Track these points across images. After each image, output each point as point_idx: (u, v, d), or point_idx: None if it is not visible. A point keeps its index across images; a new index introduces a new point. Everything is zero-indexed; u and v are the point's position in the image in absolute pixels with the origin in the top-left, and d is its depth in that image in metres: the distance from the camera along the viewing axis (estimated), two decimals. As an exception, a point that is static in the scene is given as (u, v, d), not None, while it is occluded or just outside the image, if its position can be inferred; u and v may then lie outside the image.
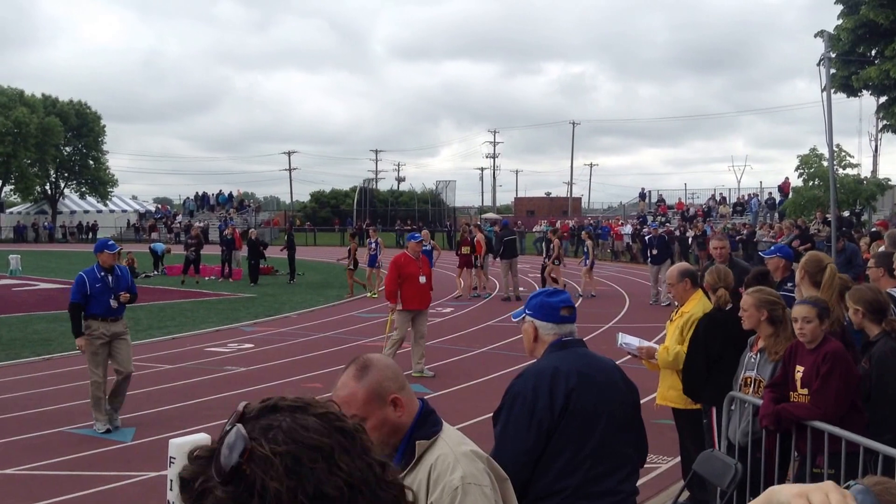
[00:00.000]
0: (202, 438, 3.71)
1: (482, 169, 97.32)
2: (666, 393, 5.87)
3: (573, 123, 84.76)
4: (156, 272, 26.75)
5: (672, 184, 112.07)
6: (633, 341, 5.92)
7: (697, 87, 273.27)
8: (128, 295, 8.06)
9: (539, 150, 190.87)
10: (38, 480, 6.48)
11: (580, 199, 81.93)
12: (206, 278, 24.53)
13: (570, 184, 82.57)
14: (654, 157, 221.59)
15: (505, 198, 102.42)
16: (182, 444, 3.54)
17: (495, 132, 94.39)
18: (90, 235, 56.53)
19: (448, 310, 17.77)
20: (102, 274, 7.97)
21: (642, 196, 49.26)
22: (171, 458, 3.50)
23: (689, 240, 31.72)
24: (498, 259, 20.67)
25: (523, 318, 3.35)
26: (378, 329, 14.75)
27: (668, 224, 37.25)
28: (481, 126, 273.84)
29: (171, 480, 3.52)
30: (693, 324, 5.48)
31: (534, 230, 43.06)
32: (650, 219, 41.07)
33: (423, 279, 10.45)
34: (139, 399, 9.21)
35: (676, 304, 5.77)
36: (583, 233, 23.38)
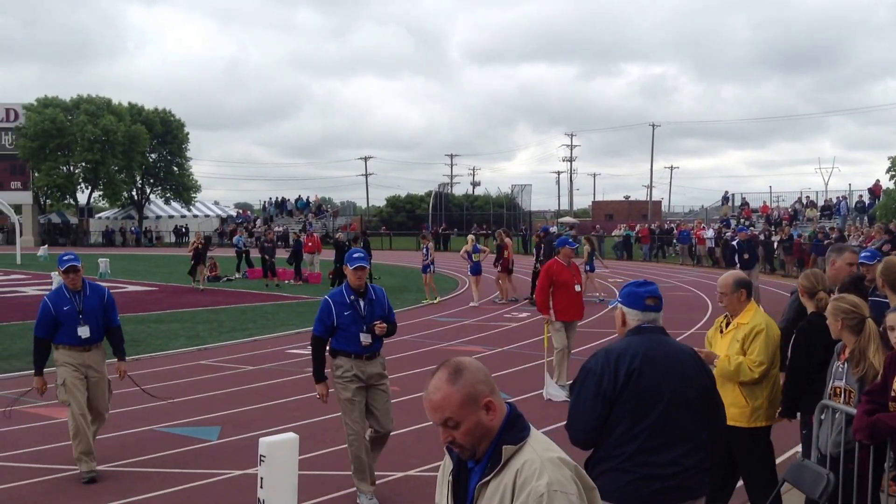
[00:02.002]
0: (291, 438, 3.72)
1: (559, 172, 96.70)
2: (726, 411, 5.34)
3: (653, 125, 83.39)
4: (238, 275, 27.37)
5: (756, 186, 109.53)
6: None
7: (783, 86, 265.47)
8: None
9: (618, 152, 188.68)
10: (129, 476, 6.64)
11: (660, 202, 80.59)
12: (286, 281, 24.95)
13: (650, 187, 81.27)
14: (737, 160, 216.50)
15: (582, 201, 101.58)
16: (272, 443, 3.56)
17: (572, 135, 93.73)
18: (182, 239, 58.35)
19: (524, 314, 17.63)
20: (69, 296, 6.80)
21: (725, 199, 48.09)
22: (261, 456, 3.52)
23: (775, 244, 30.75)
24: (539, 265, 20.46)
25: (616, 305, 3.76)
26: (456, 333, 14.73)
27: (752, 228, 36.25)
28: (558, 129, 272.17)
29: (262, 478, 3.53)
30: (756, 336, 5.10)
31: (612, 234, 42.42)
32: (734, 222, 40.05)
33: (578, 288, 9.81)
34: (222, 399, 9.39)
35: (727, 314, 5.22)
36: (583, 237, 23.16)
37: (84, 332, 6.69)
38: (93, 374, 6.78)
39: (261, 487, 3.52)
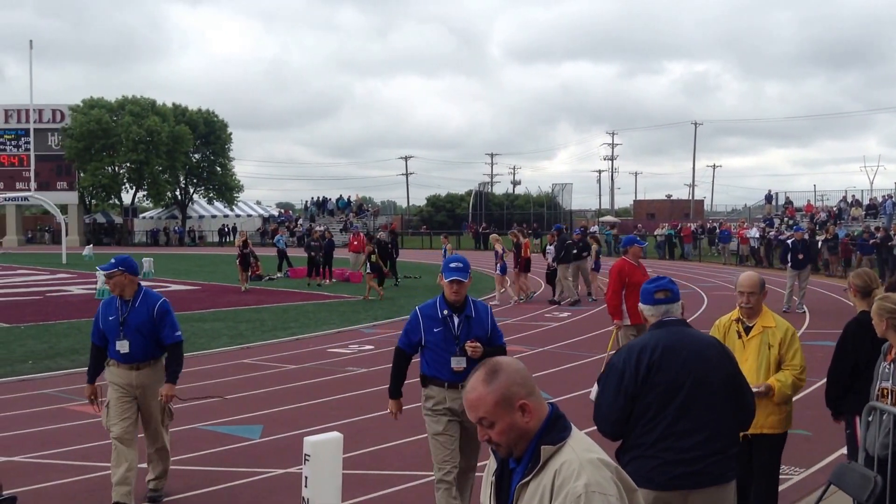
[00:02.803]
0: (335, 437, 3.67)
1: (600, 171, 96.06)
2: (765, 421, 4.79)
3: (696, 124, 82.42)
4: (280, 274, 27.57)
5: (800, 185, 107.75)
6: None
7: (828, 83, 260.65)
8: None
9: (660, 151, 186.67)
10: (173, 474, 6.63)
11: (703, 201, 79.62)
12: (329, 281, 25.06)
13: (692, 186, 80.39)
14: (781, 158, 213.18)
15: (623, 200, 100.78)
16: (317, 442, 3.51)
17: (614, 134, 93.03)
18: (225, 239, 59.10)
19: (565, 314, 17.47)
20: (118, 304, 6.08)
21: (769, 198, 47.29)
22: (305, 454, 3.48)
23: (819, 244, 30.11)
24: (557, 263, 20.29)
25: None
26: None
27: (803, 228, 35.59)
28: (600, 128, 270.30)
29: (306, 477, 3.48)
30: (793, 338, 4.87)
31: (655, 234, 41.98)
32: (777, 222, 39.36)
33: None
34: (265, 397, 9.40)
35: (743, 317, 4.85)
36: (589, 236, 22.92)
37: (123, 347, 5.91)
38: (144, 397, 5.99)
39: (305, 486, 3.48)
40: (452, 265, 5.19)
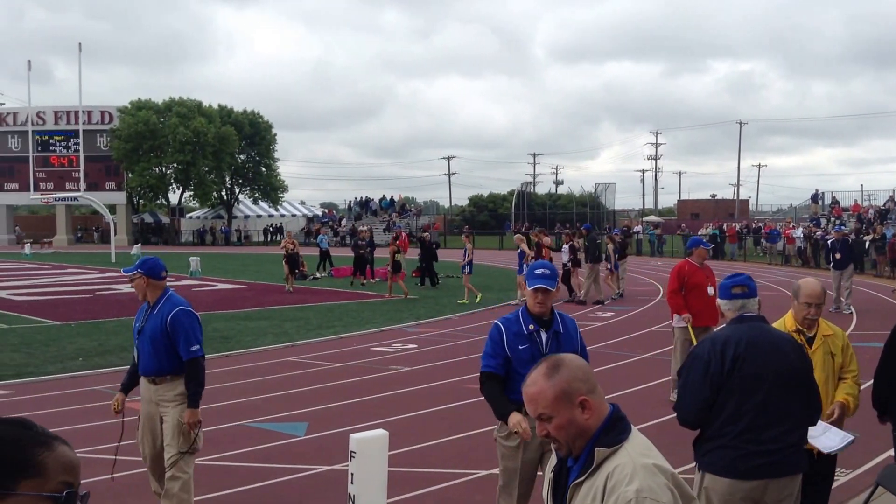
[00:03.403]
0: (381, 434, 3.70)
1: (643, 171, 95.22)
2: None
3: (740, 123, 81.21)
4: (322, 273, 27.81)
5: (847, 185, 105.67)
6: (833, 440, 4.30)
7: (875, 82, 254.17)
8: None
9: (704, 150, 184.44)
10: (219, 471, 6.76)
11: (748, 201, 78.40)
12: (373, 280, 25.21)
13: (737, 185, 79.27)
14: (827, 157, 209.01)
15: (667, 200, 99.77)
16: (363, 439, 3.54)
17: (657, 133, 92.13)
18: (270, 238, 59.79)
19: (609, 314, 17.34)
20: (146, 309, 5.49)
21: (814, 198, 46.42)
22: (351, 451, 3.51)
23: (867, 244, 29.43)
24: (586, 263, 20.18)
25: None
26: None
27: (843, 228, 34.86)
28: (643, 127, 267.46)
29: (352, 473, 3.52)
30: (848, 344, 4.76)
31: (699, 233, 41.47)
32: (824, 221, 38.61)
33: (711, 290, 8.98)
34: (309, 395, 9.50)
35: (804, 327, 4.55)
36: (605, 237, 22.66)
37: (136, 357, 5.45)
38: (162, 415, 5.35)
39: (351, 483, 3.51)
40: (538, 271, 4.51)
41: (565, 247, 21.03)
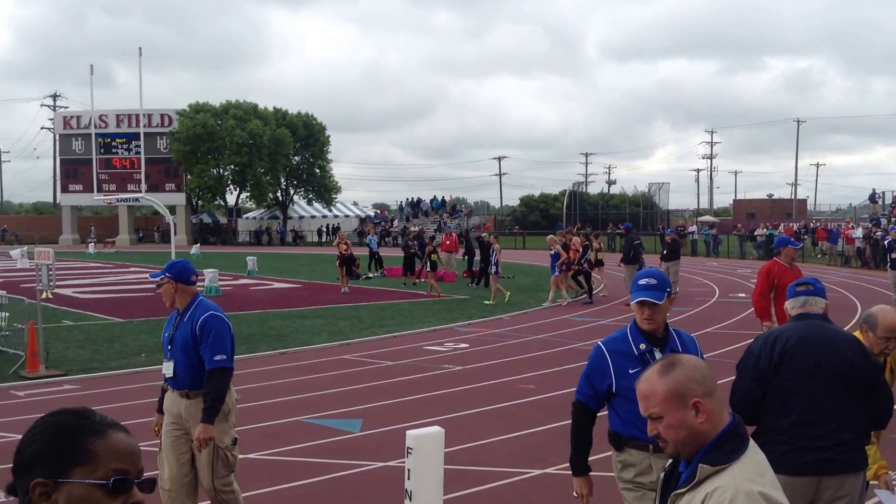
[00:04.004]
0: (437, 431, 3.77)
1: (698, 170, 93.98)
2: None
3: (798, 121, 79.54)
4: (375, 273, 28.07)
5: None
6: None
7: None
8: None
9: (760, 149, 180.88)
10: (276, 465, 6.92)
11: (805, 200, 76.71)
12: (422, 280, 25.36)
13: (795, 185, 77.62)
14: (888, 156, 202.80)
15: (723, 200, 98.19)
16: (419, 436, 3.62)
17: (713, 132, 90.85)
18: (329, 237, 60.49)
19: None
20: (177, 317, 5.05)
21: (872, 198, 45.23)
22: (408, 447, 3.59)
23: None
24: (623, 264, 20.02)
25: None
26: (591, 333, 14.53)
27: (900, 228, 33.94)
28: (698, 126, 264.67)
29: (409, 470, 3.60)
30: None
31: (755, 234, 40.72)
32: (884, 221, 37.58)
33: None
34: (364, 393, 9.64)
35: (878, 353, 4.19)
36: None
37: (167, 368, 4.97)
38: (194, 434, 4.85)
39: (408, 479, 3.58)
40: (642, 281, 3.83)
41: (579, 247, 21.00)
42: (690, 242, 42.68)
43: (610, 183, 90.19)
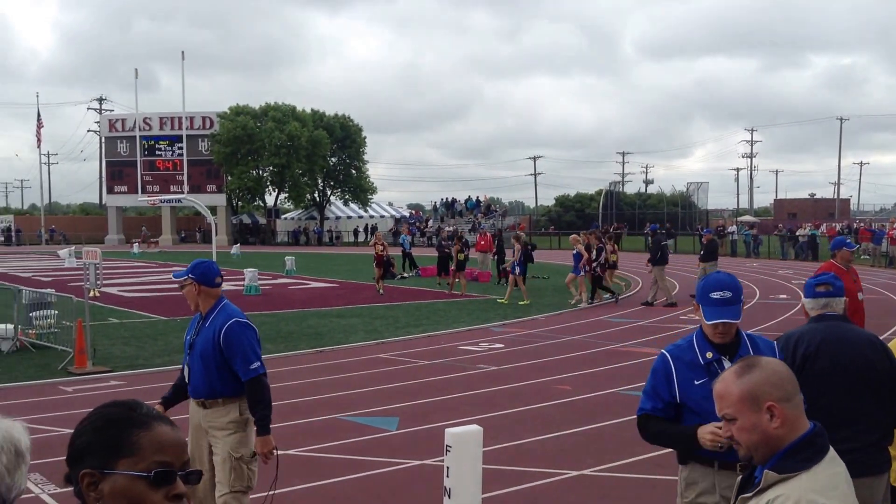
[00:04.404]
0: (475, 429, 3.86)
1: (738, 169, 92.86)
2: None
3: (841, 119, 78.18)
4: (410, 273, 28.23)
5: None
6: None
7: None
8: None
9: (802, 148, 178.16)
10: (315, 462, 7.06)
11: (848, 200, 75.41)
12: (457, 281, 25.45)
13: (837, 184, 76.27)
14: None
15: (763, 199, 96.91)
16: (458, 434, 3.70)
17: (753, 130, 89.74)
18: (365, 237, 60.93)
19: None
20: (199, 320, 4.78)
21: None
22: (447, 445, 3.67)
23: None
24: (651, 264, 19.85)
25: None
26: (629, 334, 14.50)
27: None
28: (738, 124, 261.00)
29: (448, 467, 3.69)
30: None
31: (797, 234, 40.16)
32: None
33: (861, 296, 8.17)
34: (399, 391, 9.76)
35: None
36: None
37: (186, 375, 4.73)
38: (212, 445, 4.61)
39: (447, 476, 3.67)
40: (716, 294, 3.46)
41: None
42: (730, 243, 42.22)
43: (647, 182, 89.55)
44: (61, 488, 6.03)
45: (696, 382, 3.41)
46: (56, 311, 13.31)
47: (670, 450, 3.78)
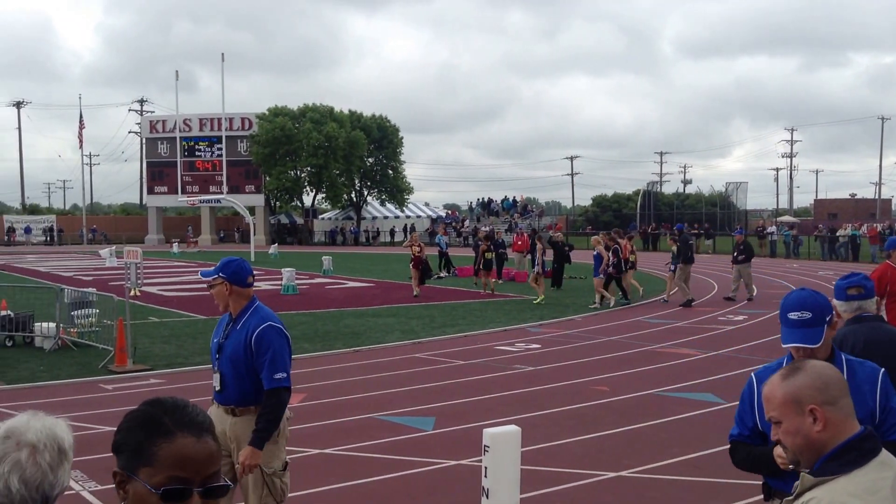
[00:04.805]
0: (514, 430, 3.84)
1: (777, 169, 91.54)
2: None
3: (882, 119, 76.67)
4: (446, 273, 28.24)
5: None
6: None
7: None
8: None
9: (843, 148, 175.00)
10: (352, 461, 7.08)
11: (890, 200, 73.91)
12: (498, 280, 25.40)
13: (879, 184, 74.83)
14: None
15: (803, 200, 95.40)
16: (496, 434, 3.68)
17: (793, 130, 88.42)
18: (391, 238, 61.22)
19: (741, 317, 16.83)
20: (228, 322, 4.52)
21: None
22: (485, 445, 3.66)
23: None
24: (679, 264, 19.52)
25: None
26: (667, 335, 14.34)
27: None
28: (778, 124, 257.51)
29: (486, 468, 3.67)
30: None
31: (837, 234, 39.44)
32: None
33: None
34: (436, 391, 9.75)
35: None
36: (669, 238, 21.64)
37: (215, 380, 4.44)
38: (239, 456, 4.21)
39: (485, 476, 3.65)
40: (794, 315, 3.08)
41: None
42: (769, 243, 41.63)
43: (685, 182, 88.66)
44: (102, 485, 6.11)
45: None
46: (97, 310, 13.53)
47: (708, 452, 3.74)
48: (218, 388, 4.35)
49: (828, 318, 3.07)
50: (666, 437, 7.74)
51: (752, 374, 3.31)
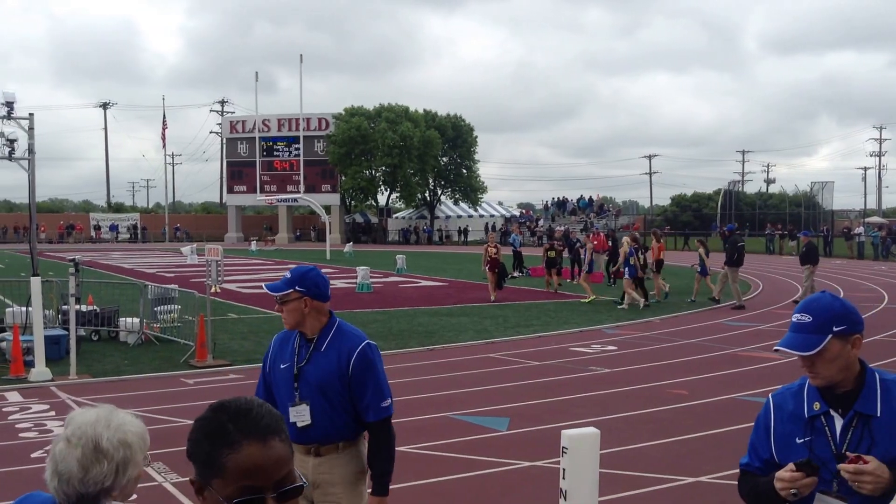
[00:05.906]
0: (592, 432, 3.75)
1: (865, 168, 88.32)
2: None
3: (983, 112, 73.03)
4: (520, 273, 28.09)
5: None
6: None
7: None
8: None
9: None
10: (427, 459, 7.06)
11: None
12: (573, 280, 25.15)
13: (978, 182, 71.22)
14: None
15: (892, 200, 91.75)
16: (575, 436, 3.61)
17: (881, 128, 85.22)
18: (464, 238, 61.32)
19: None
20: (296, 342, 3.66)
21: None
22: (563, 447, 3.58)
23: None
24: (727, 266, 19.12)
25: None
26: (749, 338, 13.92)
27: None
28: (866, 122, 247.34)
29: (564, 469, 3.59)
30: None
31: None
32: None
33: None
34: (510, 391, 9.67)
35: None
36: (696, 240, 21.05)
37: (299, 415, 3.55)
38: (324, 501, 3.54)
39: (563, 478, 3.58)
40: (795, 317, 2.59)
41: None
42: (857, 245, 40.13)
43: (768, 182, 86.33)
44: (182, 477, 6.24)
45: (797, 441, 2.57)
46: (179, 306, 13.89)
47: None
48: (306, 424, 3.53)
49: (838, 329, 2.46)
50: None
51: (770, 396, 2.79)
